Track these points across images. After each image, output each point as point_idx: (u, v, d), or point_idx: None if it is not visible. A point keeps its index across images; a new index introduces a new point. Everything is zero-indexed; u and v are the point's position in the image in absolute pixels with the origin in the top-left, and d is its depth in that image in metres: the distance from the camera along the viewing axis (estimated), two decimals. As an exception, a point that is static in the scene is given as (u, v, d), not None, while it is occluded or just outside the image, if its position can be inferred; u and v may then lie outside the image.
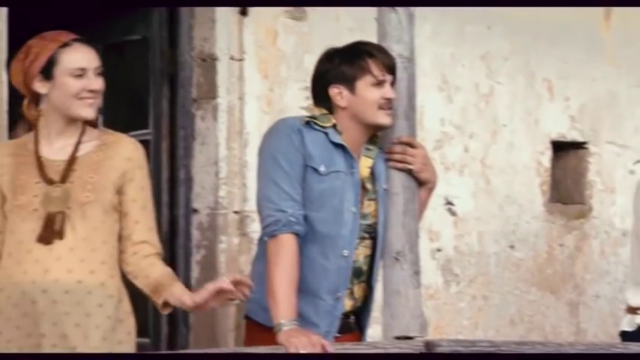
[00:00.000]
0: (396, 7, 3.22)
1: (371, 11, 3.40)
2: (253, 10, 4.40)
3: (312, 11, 4.58)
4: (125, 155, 3.09)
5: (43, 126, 3.07)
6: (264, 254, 3.14)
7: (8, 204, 3.03)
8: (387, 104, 3.17)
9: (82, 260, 3.02)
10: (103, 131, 3.15)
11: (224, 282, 2.96)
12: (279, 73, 4.52)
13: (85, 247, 3.02)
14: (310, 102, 3.30)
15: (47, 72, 3.02)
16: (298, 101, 4.50)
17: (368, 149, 3.25)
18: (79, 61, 3.03)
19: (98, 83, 3.05)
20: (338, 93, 3.18)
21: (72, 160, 3.05)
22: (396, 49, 3.22)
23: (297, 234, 3.10)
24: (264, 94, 4.48)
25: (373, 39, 3.28)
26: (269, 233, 3.11)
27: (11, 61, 3.14)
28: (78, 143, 3.08)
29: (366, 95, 3.16)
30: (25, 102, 3.09)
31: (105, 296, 3.03)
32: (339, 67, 3.17)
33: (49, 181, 3.03)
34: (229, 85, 4.42)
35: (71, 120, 3.06)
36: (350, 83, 3.16)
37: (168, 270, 3.08)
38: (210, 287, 2.97)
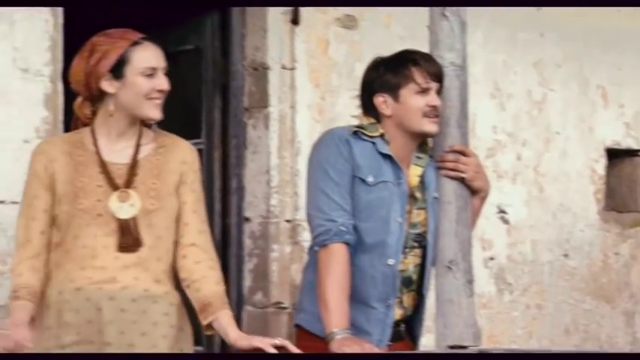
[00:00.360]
0: (447, 14, 3.20)
1: (422, 19, 3.39)
2: (304, 19, 4.41)
3: (362, 20, 4.58)
4: (181, 158, 3.03)
5: (100, 126, 2.98)
6: (315, 263, 3.15)
7: (66, 206, 2.93)
8: (433, 112, 3.16)
9: (147, 269, 2.95)
10: (157, 133, 3.07)
11: (269, 347, 2.89)
12: (331, 81, 4.53)
13: (150, 256, 2.96)
14: (361, 111, 3.29)
15: (117, 71, 2.93)
16: (349, 110, 4.50)
17: (418, 157, 3.24)
18: (150, 60, 2.96)
19: (167, 83, 2.98)
20: (383, 102, 3.17)
21: (134, 164, 2.98)
22: (448, 57, 3.21)
23: (347, 243, 3.10)
24: (315, 103, 4.49)
25: (424, 47, 3.27)
26: (320, 243, 3.11)
27: (67, 70, 3.11)
28: (138, 146, 3.00)
29: (411, 103, 3.15)
30: (79, 100, 3.01)
31: (169, 305, 2.98)
32: (383, 75, 3.17)
33: (114, 186, 2.95)
34: (281, 94, 4.44)
35: (135, 121, 2.98)
36: (394, 91, 3.16)
37: (219, 288, 3.00)
38: (256, 343, 2.91)
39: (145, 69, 2.94)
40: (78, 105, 3.01)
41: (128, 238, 2.91)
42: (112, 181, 2.94)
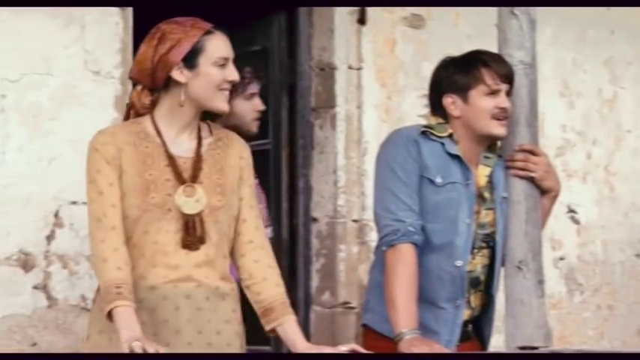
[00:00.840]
0: (517, 12, 3.18)
1: (490, 17, 3.36)
2: (371, 19, 4.41)
3: (430, 19, 4.56)
4: (239, 153, 2.96)
5: (163, 117, 2.87)
6: (381, 263, 3.14)
7: (135, 200, 2.80)
8: (501, 114, 3.13)
9: (214, 267, 2.87)
10: (212, 126, 2.96)
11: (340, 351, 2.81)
12: (397, 81, 4.52)
13: (217, 254, 2.87)
14: (428, 110, 3.28)
15: (191, 60, 2.83)
16: (416, 109, 4.49)
17: (486, 157, 3.21)
18: (223, 50, 2.86)
19: (237, 74, 2.88)
20: (452, 102, 3.15)
21: (199, 158, 2.88)
22: (517, 56, 3.18)
23: (415, 243, 3.09)
24: (382, 103, 4.48)
25: (492, 45, 3.25)
26: (387, 243, 3.10)
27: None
28: (199, 139, 2.91)
29: (480, 105, 3.12)
30: (138, 88, 2.89)
31: (236, 302, 2.92)
32: (452, 76, 3.15)
33: (181, 181, 2.85)
34: (348, 94, 4.43)
35: (199, 113, 2.88)
36: (463, 93, 3.13)
37: (280, 290, 2.92)
38: (326, 351, 2.85)
39: (219, 59, 2.84)
40: (137, 93, 2.89)
41: (193, 234, 2.82)
42: (180, 175, 2.84)
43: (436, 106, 3.20)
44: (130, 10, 3.67)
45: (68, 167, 3.48)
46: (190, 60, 2.83)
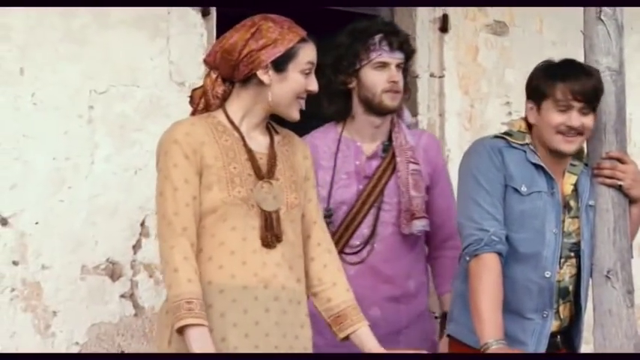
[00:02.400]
0: (603, 18, 3.13)
1: (574, 23, 3.32)
2: (453, 27, 4.38)
3: (513, 25, 4.52)
4: (303, 153, 2.92)
5: (237, 111, 2.80)
6: (465, 273, 3.12)
7: (220, 194, 2.71)
8: (569, 131, 3.06)
9: (292, 267, 2.79)
10: (271, 123, 2.90)
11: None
12: (480, 88, 4.49)
13: (294, 254, 2.80)
14: (511, 117, 3.25)
15: (281, 64, 2.76)
16: (499, 117, 4.45)
17: (572, 165, 3.18)
18: (312, 57, 2.81)
19: (317, 85, 2.84)
20: (530, 109, 3.12)
21: (273, 154, 2.81)
22: (604, 62, 3.14)
23: (499, 253, 3.06)
24: (464, 111, 4.45)
25: (577, 51, 3.21)
26: (471, 252, 3.08)
27: None
28: (272, 135, 2.85)
29: (547, 118, 3.06)
30: (213, 75, 2.81)
31: (306, 305, 2.86)
32: (534, 82, 3.11)
33: (260, 176, 2.77)
34: (430, 102, 4.41)
35: (275, 112, 2.82)
36: (538, 102, 3.09)
37: (350, 296, 2.86)
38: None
39: (307, 67, 2.79)
40: (211, 81, 2.81)
41: (270, 232, 2.73)
42: (259, 170, 2.77)
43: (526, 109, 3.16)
44: (213, 21, 3.71)
45: (154, 177, 3.52)
46: (280, 64, 2.76)
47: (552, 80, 3.06)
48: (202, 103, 2.83)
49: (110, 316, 3.43)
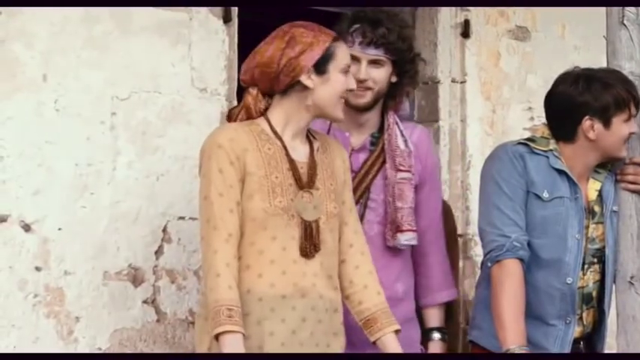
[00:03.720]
0: (626, 23, 3.12)
1: (597, 29, 3.31)
2: (475, 32, 4.37)
3: (535, 31, 4.51)
4: (341, 156, 2.93)
5: (279, 121, 2.80)
6: (487, 279, 3.12)
7: (262, 203, 2.73)
8: (629, 138, 3.11)
9: (329, 277, 2.81)
10: (310, 130, 2.91)
11: None
12: (502, 94, 4.47)
13: (331, 262, 2.81)
14: (533, 123, 3.23)
15: (321, 66, 2.77)
16: (521, 122, 4.44)
17: (597, 172, 3.16)
18: (348, 58, 2.82)
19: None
20: (590, 125, 3.07)
21: (314, 164, 2.82)
22: (627, 67, 3.13)
23: (521, 259, 3.05)
24: (486, 116, 4.44)
25: (599, 57, 3.21)
26: (493, 258, 3.07)
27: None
28: (311, 143, 2.85)
29: (619, 131, 3.06)
30: (254, 92, 2.82)
31: (342, 313, 2.87)
32: (598, 99, 3.04)
33: (301, 186, 2.78)
34: (451, 108, 4.40)
35: (317, 117, 2.83)
36: (607, 118, 3.05)
37: (381, 299, 2.87)
38: None
39: (345, 66, 2.80)
40: (253, 98, 2.82)
41: (309, 242, 2.74)
42: (300, 179, 2.78)
43: (565, 125, 3.09)
44: (235, 27, 3.71)
45: (175, 183, 3.53)
46: (321, 66, 2.77)
47: (624, 95, 3.04)
48: (243, 119, 2.84)
49: (132, 321, 3.44)
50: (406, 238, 3.15)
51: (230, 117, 2.89)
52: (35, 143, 3.32)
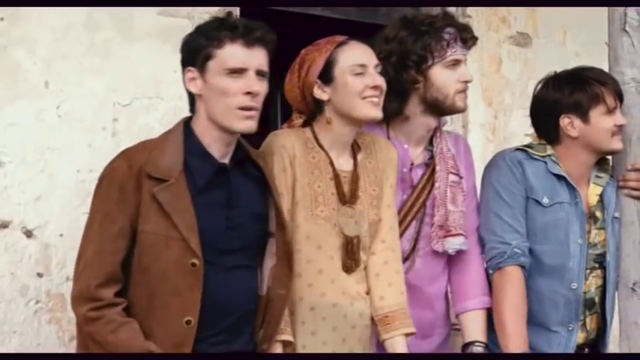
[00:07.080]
0: (628, 29, 3.12)
1: (599, 35, 3.31)
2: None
3: (536, 37, 4.52)
4: (387, 156, 2.93)
5: (319, 132, 2.84)
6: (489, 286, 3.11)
7: (304, 212, 2.77)
8: (619, 130, 3.10)
9: (365, 285, 2.86)
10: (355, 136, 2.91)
11: None
12: (504, 100, 4.48)
13: (368, 271, 2.86)
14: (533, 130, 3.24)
15: (326, 75, 2.80)
16: (523, 128, 4.43)
17: (598, 177, 3.16)
18: (358, 58, 2.79)
19: (379, 80, 2.80)
20: (569, 123, 3.10)
21: (356, 175, 2.84)
22: (629, 73, 3.13)
23: (522, 266, 3.05)
24: (488, 122, 4.44)
25: (601, 63, 3.21)
26: (494, 266, 3.07)
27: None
28: (355, 151, 2.87)
29: (601, 124, 3.07)
30: (300, 120, 2.89)
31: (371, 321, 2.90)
32: (571, 96, 3.08)
33: (342, 196, 2.81)
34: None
35: (353, 123, 2.82)
36: (584, 113, 3.08)
37: (402, 299, 2.88)
38: None
39: (353, 67, 2.78)
40: (290, 122, 2.91)
41: (350, 258, 2.79)
42: (342, 190, 2.81)
43: (548, 127, 3.14)
44: (237, 33, 3.71)
45: (177, 189, 3.53)
46: (326, 74, 2.80)
47: (596, 87, 3.06)
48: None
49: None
50: (459, 242, 3.06)
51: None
52: (37, 149, 3.32)
